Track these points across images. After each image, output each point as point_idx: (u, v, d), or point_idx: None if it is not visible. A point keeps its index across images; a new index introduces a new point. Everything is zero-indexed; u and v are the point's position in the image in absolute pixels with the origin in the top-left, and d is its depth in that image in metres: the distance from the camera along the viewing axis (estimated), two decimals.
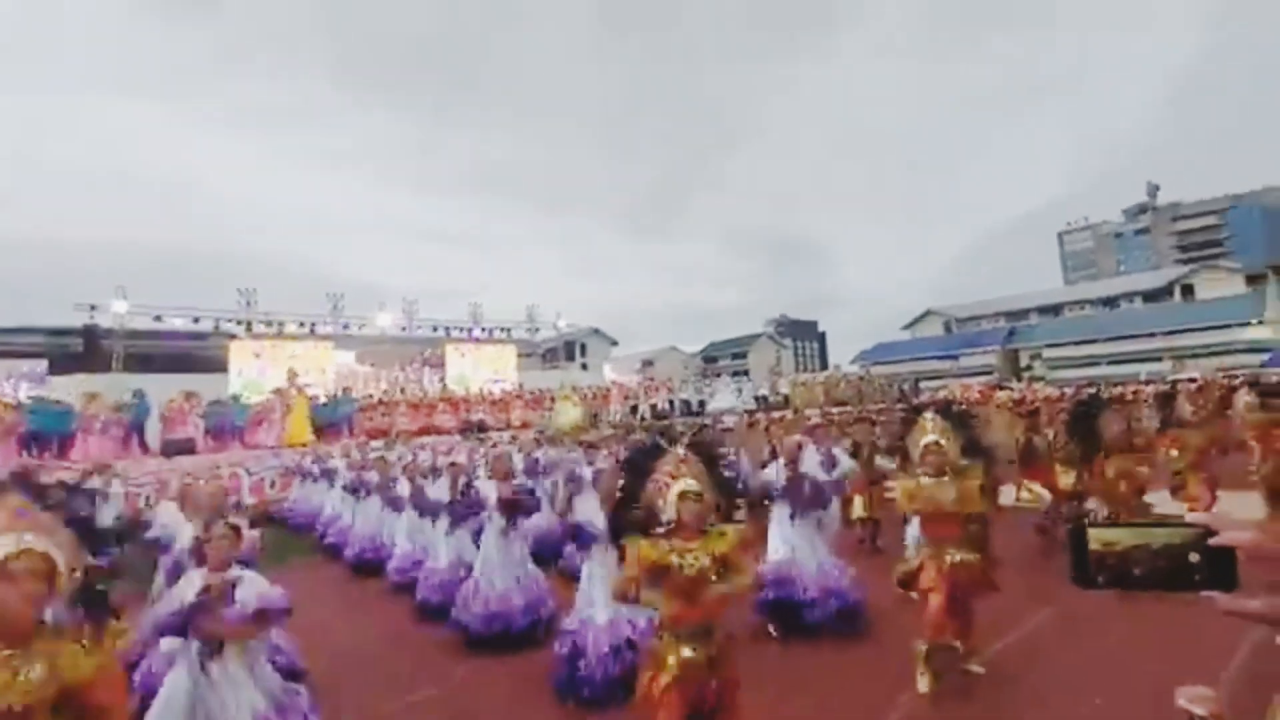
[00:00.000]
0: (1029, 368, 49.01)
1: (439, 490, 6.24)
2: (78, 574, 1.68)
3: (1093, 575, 0.75)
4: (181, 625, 2.86)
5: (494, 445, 8.72)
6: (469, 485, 5.78)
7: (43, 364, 19.59)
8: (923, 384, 35.05)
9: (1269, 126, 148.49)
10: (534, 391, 22.02)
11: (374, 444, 13.94)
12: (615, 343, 46.53)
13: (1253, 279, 46.06)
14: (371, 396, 20.25)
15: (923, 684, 3.88)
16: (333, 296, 24.93)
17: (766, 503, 5.49)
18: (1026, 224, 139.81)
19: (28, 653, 1.53)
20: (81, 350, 25.03)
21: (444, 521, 5.97)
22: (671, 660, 2.64)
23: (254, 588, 3.03)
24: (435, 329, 27.19)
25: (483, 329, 27.73)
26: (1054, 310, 56.50)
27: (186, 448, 13.49)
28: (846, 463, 6.24)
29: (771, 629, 5.03)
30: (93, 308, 22.48)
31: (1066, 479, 7.00)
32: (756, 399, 22.03)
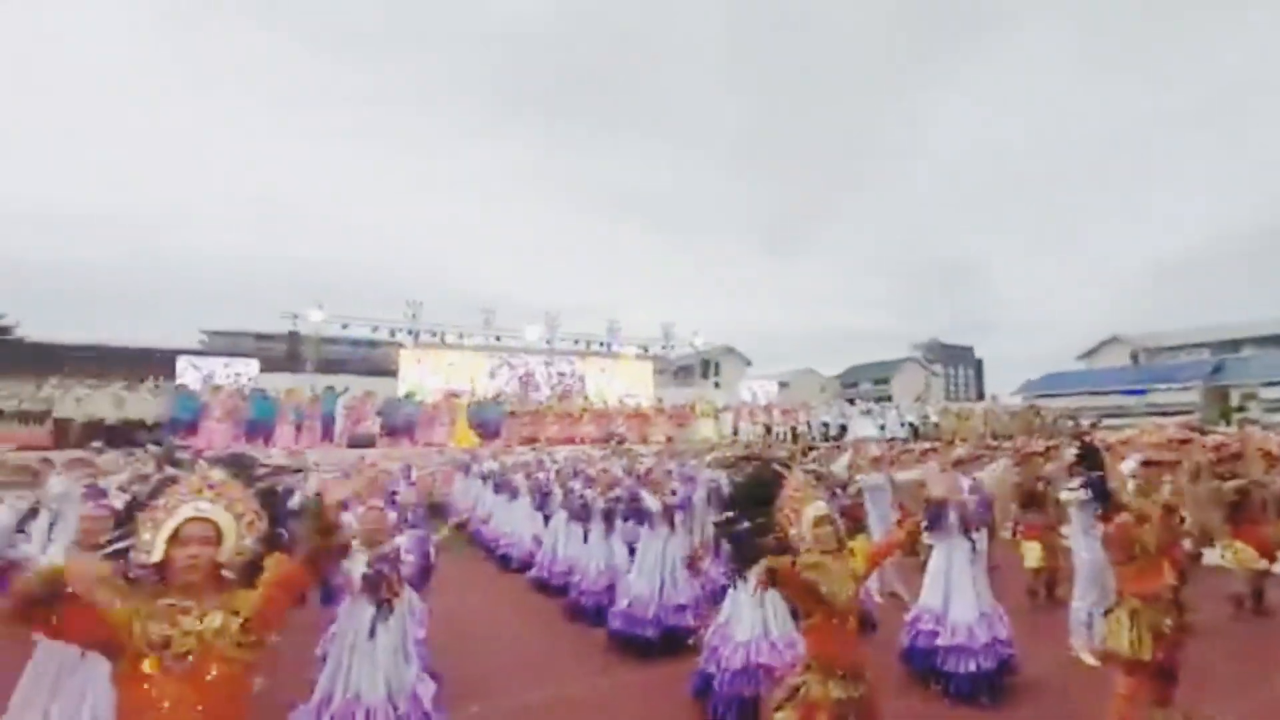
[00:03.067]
0: (1241, 408, 41.60)
1: (592, 497, 6.49)
2: (247, 543, 1.94)
3: None
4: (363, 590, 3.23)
5: (639, 459, 8.91)
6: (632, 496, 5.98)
7: (254, 364, 22.83)
8: (1105, 421, 30.93)
9: None
10: (676, 407, 22.25)
11: (519, 449, 14.83)
12: (749, 363, 45.85)
13: None
14: (519, 405, 21.55)
15: None
16: (485, 310, 26.80)
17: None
18: (1231, 245, 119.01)
19: (202, 605, 1.80)
20: (284, 353, 28.98)
21: (599, 527, 6.20)
22: (822, 701, 2.48)
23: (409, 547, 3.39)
24: (576, 342, 28.32)
25: (618, 345, 28.50)
26: (1275, 342, 47.65)
27: (367, 442, 15.19)
28: (989, 477, 5.69)
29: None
30: (295, 316, 25.89)
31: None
32: (906, 425, 20.61)
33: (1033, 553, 6.71)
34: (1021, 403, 33.70)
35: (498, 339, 26.90)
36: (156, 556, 1.81)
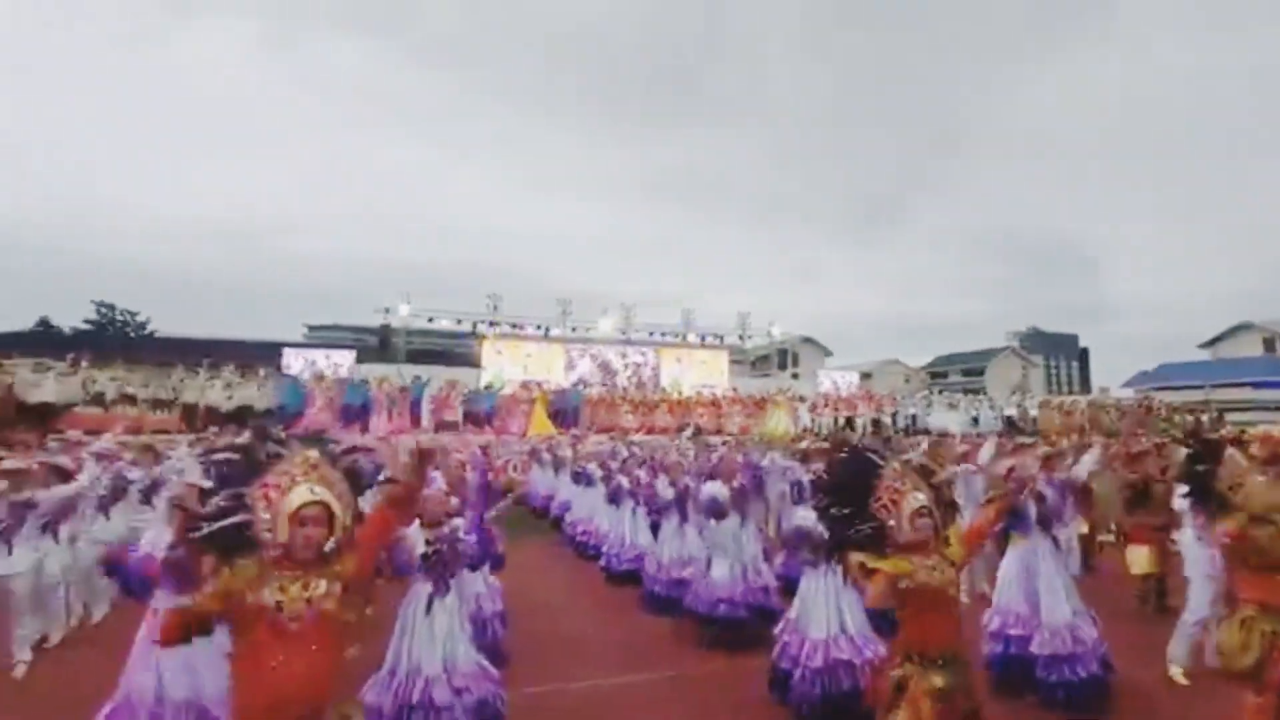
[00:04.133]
0: None
1: (663, 487, 6.53)
2: (349, 521, 2.14)
3: None
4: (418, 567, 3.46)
5: (708, 448, 8.88)
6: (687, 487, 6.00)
7: (350, 355, 24.28)
8: (1232, 417, 27.89)
9: None
10: (752, 397, 21.97)
11: (596, 438, 15.06)
12: (829, 353, 44.59)
13: None
14: (596, 393, 21.87)
15: None
16: (562, 302, 27.22)
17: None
18: None
19: (311, 575, 2.02)
20: (377, 345, 30.67)
21: (673, 517, 6.24)
22: (926, 691, 2.45)
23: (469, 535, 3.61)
24: (650, 333, 28.36)
25: (696, 335, 28.31)
26: None
27: (451, 428, 15.92)
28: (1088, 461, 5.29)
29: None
30: (386, 310, 27.30)
31: None
32: (1001, 419, 19.35)
33: (1141, 558, 6.16)
34: (1134, 396, 30.93)
35: (574, 330, 27.38)
36: (282, 536, 2.01)
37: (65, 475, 5.33)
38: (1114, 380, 46.65)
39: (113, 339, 36.67)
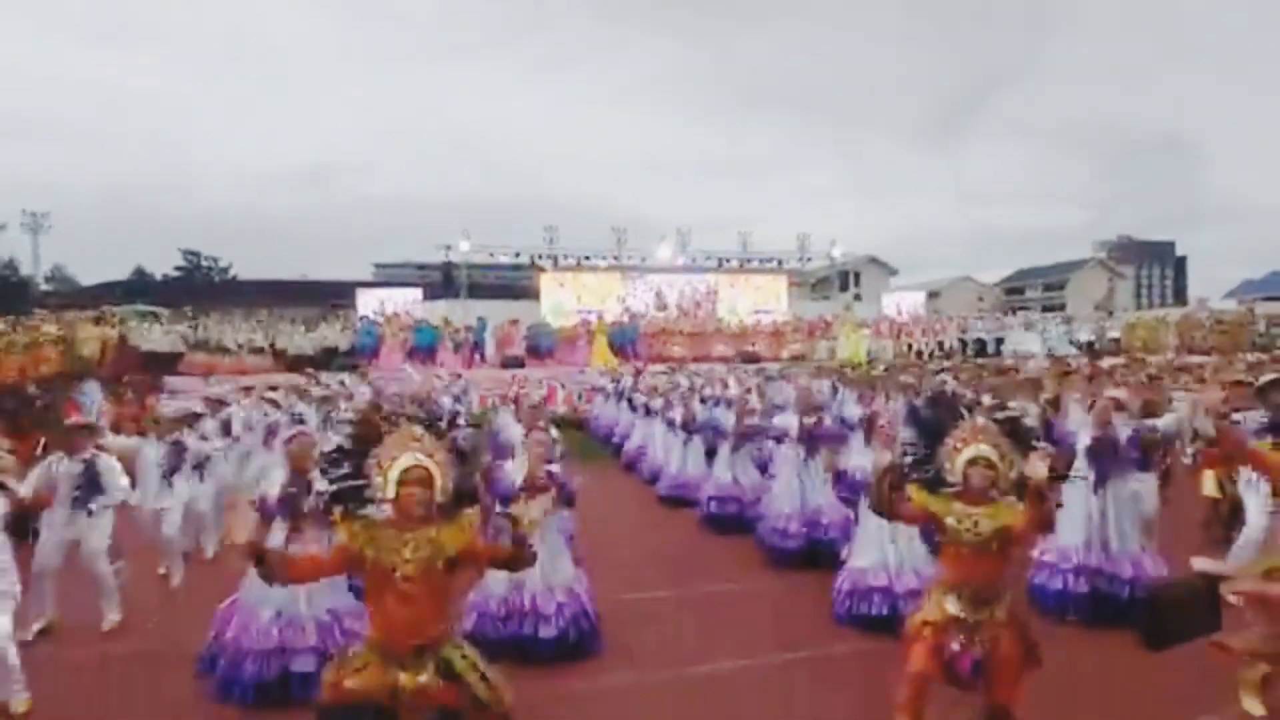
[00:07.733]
0: None
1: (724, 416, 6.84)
2: (449, 485, 2.48)
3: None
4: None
5: (783, 378, 9.03)
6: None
7: (417, 292, 25.16)
8: None
9: None
10: (809, 322, 21.68)
11: (655, 368, 15.37)
12: (895, 272, 42.93)
13: None
14: (652, 323, 22.08)
15: (1252, 705, 3.01)
16: (617, 231, 26.95)
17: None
18: None
19: (418, 536, 2.33)
20: (440, 281, 31.56)
21: (726, 446, 6.58)
22: (936, 617, 2.65)
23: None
24: (708, 259, 27.91)
25: (753, 260, 27.68)
26: None
27: (516, 363, 16.60)
28: (1170, 419, 5.27)
29: None
30: (447, 248, 27.83)
31: None
32: (1080, 345, 18.34)
33: (1209, 482, 6.06)
34: (1236, 308, 28.31)
35: (629, 259, 27.18)
36: (390, 494, 2.41)
37: (195, 420, 6.27)
38: (1216, 290, 42.70)
39: (200, 284, 39.33)
